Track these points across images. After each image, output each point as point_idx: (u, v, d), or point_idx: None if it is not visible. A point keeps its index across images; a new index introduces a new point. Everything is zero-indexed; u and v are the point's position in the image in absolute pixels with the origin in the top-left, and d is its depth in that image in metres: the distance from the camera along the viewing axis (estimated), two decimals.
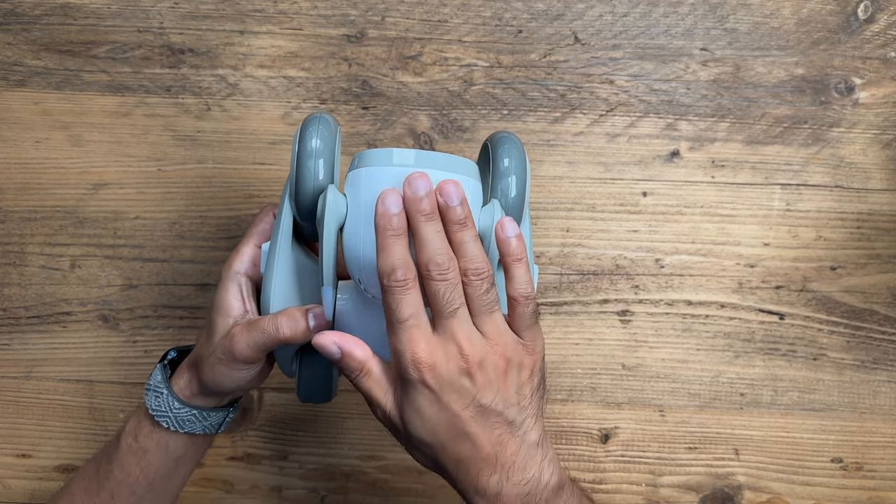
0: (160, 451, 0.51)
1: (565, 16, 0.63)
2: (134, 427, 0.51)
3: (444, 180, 0.43)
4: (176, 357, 0.53)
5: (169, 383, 0.50)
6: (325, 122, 0.47)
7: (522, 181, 0.47)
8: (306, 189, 0.46)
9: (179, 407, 0.50)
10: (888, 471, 0.64)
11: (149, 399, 0.50)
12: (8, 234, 0.65)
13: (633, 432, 0.65)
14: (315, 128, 0.46)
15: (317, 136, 0.46)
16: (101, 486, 0.52)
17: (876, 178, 0.64)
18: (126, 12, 0.64)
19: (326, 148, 0.46)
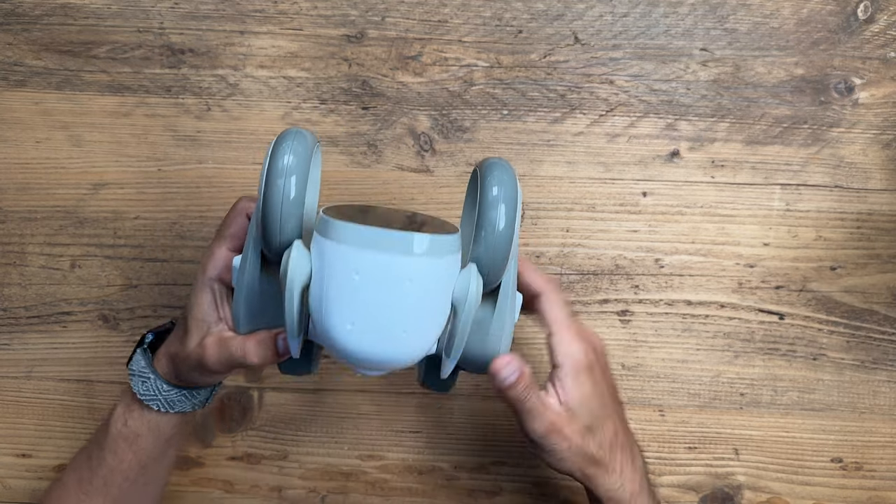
0: (152, 433, 0.51)
1: (565, 16, 0.63)
2: (123, 412, 0.52)
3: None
4: (153, 339, 0.53)
5: (154, 367, 0.51)
6: (301, 139, 0.43)
7: (512, 211, 0.43)
8: (273, 213, 0.42)
9: (168, 389, 0.50)
10: (888, 470, 0.64)
11: (135, 384, 0.51)
12: (8, 233, 0.65)
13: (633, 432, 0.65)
14: (289, 143, 0.42)
15: (290, 153, 0.42)
16: (94, 473, 0.52)
17: (876, 178, 0.64)
18: (126, 12, 0.64)
19: (300, 166, 0.42)
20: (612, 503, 0.49)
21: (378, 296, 0.41)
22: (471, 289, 0.42)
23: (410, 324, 0.42)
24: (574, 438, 0.47)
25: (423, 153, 0.64)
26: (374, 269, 0.40)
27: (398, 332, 0.42)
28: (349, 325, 0.41)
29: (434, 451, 0.65)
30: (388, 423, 0.65)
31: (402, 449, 0.65)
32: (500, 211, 0.43)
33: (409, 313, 0.42)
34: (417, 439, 0.65)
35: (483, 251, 0.43)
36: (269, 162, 0.42)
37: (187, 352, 0.49)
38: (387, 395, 0.65)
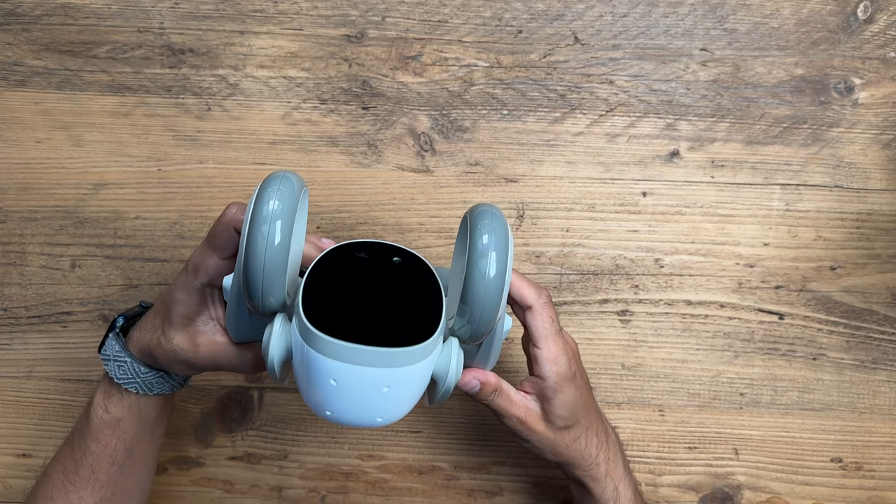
0: (133, 416, 0.52)
1: (565, 16, 0.63)
2: (102, 399, 0.52)
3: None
4: (124, 323, 0.53)
5: (129, 350, 0.51)
6: (288, 183, 0.42)
7: (503, 259, 0.42)
8: (256, 264, 0.41)
9: (146, 371, 0.50)
10: (888, 470, 0.64)
11: (111, 368, 0.51)
12: (8, 233, 0.65)
13: (632, 432, 0.65)
14: (275, 188, 0.41)
15: (276, 198, 0.41)
16: (79, 463, 0.52)
17: (876, 178, 0.64)
18: (126, 12, 0.64)
19: (285, 211, 0.41)
20: (588, 479, 0.53)
21: (355, 396, 0.42)
22: (451, 366, 0.45)
23: (388, 412, 0.44)
24: (546, 433, 0.51)
25: (424, 153, 0.64)
26: (351, 378, 0.41)
27: (374, 417, 0.44)
28: (327, 411, 0.43)
29: (434, 451, 0.65)
30: None
31: (402, 449, 0.65)
32: (490, 259, 0.42)
33: (385, 406, 0.44)
34: (417, 439, 0.65)
35: (473, 302, 0.43)
36: (252, 207, 0.41)
37: (171, 346, 0.48)
38: None
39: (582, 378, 0.52)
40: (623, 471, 0.54)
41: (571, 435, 0.52)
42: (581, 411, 0.51)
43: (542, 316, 0.49)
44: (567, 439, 0.52)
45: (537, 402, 0.51)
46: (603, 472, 0.53)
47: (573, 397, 0.50)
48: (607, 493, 0.53)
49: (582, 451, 0.52)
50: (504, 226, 0.43)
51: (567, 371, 0.50)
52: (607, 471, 0.53)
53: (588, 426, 0.52)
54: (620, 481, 0.54)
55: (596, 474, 0.53)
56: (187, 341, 0.48)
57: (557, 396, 0.50)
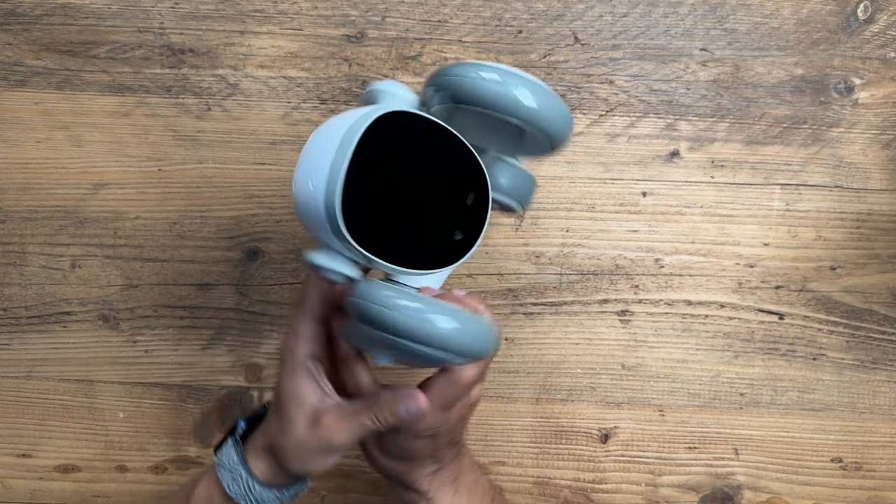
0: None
1: (565, 16, 0.63)
2: (206, 496, 0.49)
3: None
4: (245, 429, 0.50)
5: (247, 464, 0.48)
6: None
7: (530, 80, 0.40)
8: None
9: (261, 489, 0.47)
10: (888, 471, 0.64)
11: (224, 479, 0.48)
12: (8, 233, 0.65)
13: (632, 432, 0.65)
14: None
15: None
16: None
17: (876, 178, 0.64)
18: (126, 12, 0.64)
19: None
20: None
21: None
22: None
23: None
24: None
25: None
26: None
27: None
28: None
29: None
30: None
31: None
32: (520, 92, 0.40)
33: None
34: None
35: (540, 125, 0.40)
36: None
37: (298, 439, 0.46)
38: None
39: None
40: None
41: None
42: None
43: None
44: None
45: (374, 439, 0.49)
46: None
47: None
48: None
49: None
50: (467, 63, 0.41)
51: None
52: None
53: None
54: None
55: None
56: (312, 427, 0.46)
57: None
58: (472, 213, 0.43)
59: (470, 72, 0.40)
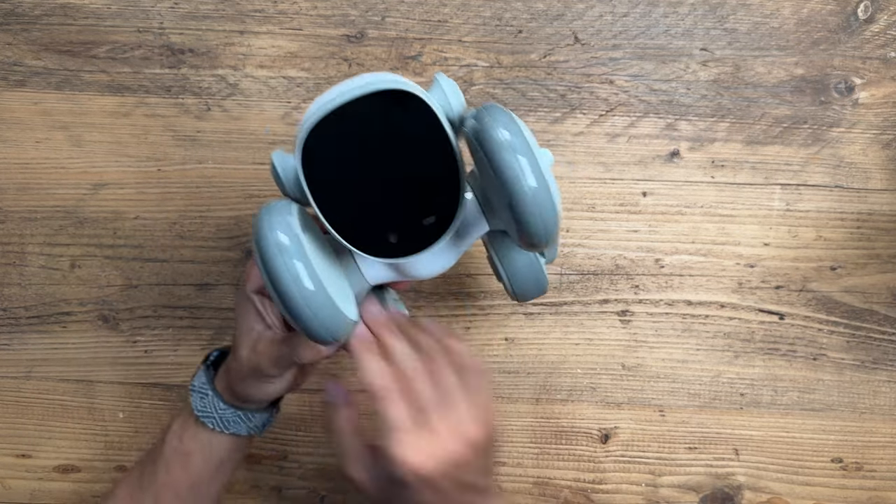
0: (203, 452, 0.51)
1: (565, 16, 0.63)
2: (178, 429, 0.52)
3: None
4: (219, 356, 0.54)
5: (213, 384, 0.51)
6: (283, 212, 0.39)
7: (534, 159, 0.37)
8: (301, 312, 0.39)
9: (224, 408, 0.51)
10: (888, 471, 0.64)
11: (194, 400, 0.51)
12: (8, 234, 0.65)
13: (633, 432, 0.65)
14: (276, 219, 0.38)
15: (280, 232, 0.38)
16: (145, 489, 0.52)
17: (876, 178, 0.64)
18: (126, 12, 0.64)
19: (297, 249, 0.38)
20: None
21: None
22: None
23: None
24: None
25: None
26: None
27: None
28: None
29: None
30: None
31: None
32: (521, 164, 0.36)
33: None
34: None
35: (524, 207, 0.37)
36: (261, 258, 0.38)
37: (241, 362, 0.49)
38: None
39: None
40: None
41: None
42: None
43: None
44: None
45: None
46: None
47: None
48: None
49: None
50: (508, 113, 0.38)
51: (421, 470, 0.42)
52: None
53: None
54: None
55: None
56: (250, 352, 0.48)
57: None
58: (441, 208, 0.41)
59: (500, 124, 0.37)
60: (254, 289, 0.49)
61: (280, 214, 0.38)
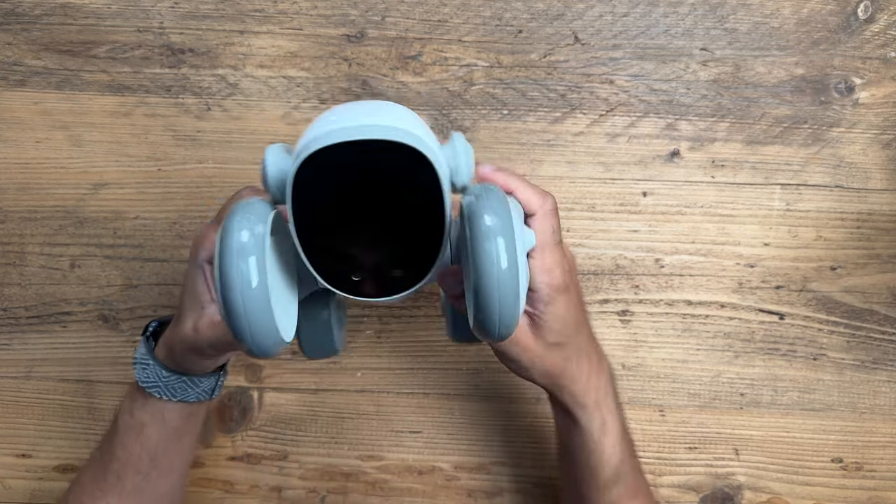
0: (157, 423, 0.51)
1: (565, 16, 0.63)
2: (128, 403, 0.51)
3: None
4: (157, 328, 0.52)
5: (153, 354, 0.50)
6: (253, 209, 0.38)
7: (512, 244, 0.37)
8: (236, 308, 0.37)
9: (168, 375, 0.49)
10: (888, 471, 0.64)
11: (137, 372, 0.50)
12: (8, 233, 0.65)
13: (633, 432, 0.65)
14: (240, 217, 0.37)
15: (244, 229, 0.37)
16: (107, 469, 0.52)
17: (876, 178, 0.64)
18: (126, 12, 0.64)
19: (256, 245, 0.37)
20: (577, 407, 0.49)
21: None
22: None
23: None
24: (537, 350, 0.47)
25: None
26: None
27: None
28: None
29: (434, 451, 0.65)
30: (388, 423, 0.65)
31: (402, 449, 0.65)
32: (498, 245, 0.37)
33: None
34: (417, 439, 0.65)
35: (488, 295, 0.37)
36: (219, 245, 0.37)
37: (181, 334, 0.47)
38: (387, 394, 0.65)
39: (577, 295, 0.48)
40: (613, 404, 0.50)
41: (563, 354, 0.47)
42: (573, 330, 0.47)
43: (544, 224, 0.45)
44: (558, 358, 0.47)
45: (526, 317, 0.46)
46: (592, 401, 0.49)
47: (565, 311, 0.46)
48: (594, 424, 0.49)
49: (574, 373, 0.48)
50: (505, 203, 0.38)
51: (560, 283, 0.45)
52: (597, 400, 0.49)
53: (580, 349, 0.48)
54: (609, 414, 0.50)
55: (585, 402, 0.49)
56: (192, 328, 0.47)
57: (549, 309, 0.45)
58: (416, 257, 0.41)
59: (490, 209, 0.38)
60: (207, 257, 0.47)
61: (254, 213, 0.38)
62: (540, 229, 0.45)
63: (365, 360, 0.65)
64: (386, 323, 0.65)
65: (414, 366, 0.65)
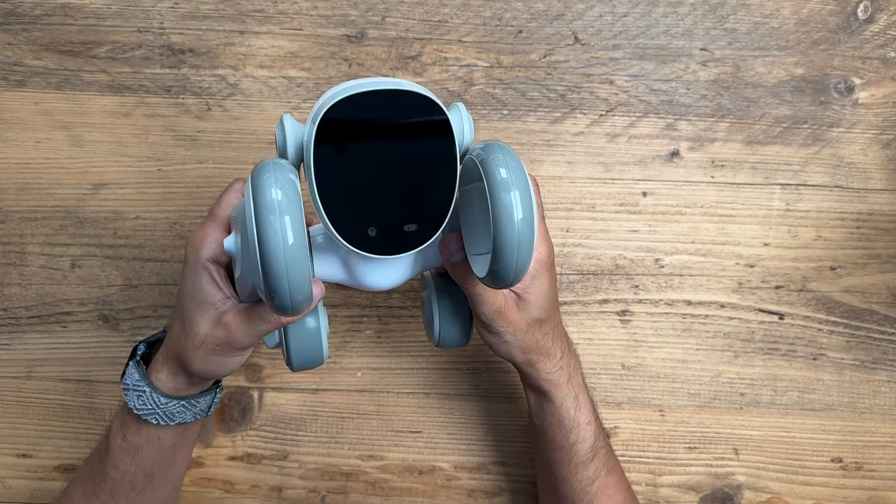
0: (152, 445, 0.50)
1: (565, 16, 0.63)
2: (120, 427, 0.50)
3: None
4: (147, 350, 0.51)
5: (149, 380, 0.48)
6: (282, 170, 0.39)
7: (528, 195, 0.39)
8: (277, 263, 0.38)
9: (166, 402, 0.48)
10: (888, 471, 0.64)
11: (130, 399, 0.48)
12: (8, 234, 0.65)
13: (632, 432, 0.65)
14: (271, 176, 0.38)
15: (277, 188, 0.38)
16: (99, 487, 0.51)
17: (876, 178, 0.64)
18: (126, 12, 0.64)
19: (293, 205, 0.38)
20: (551, 385, 0.51)
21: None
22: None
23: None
24: (521, 324, 0.48)
25: None
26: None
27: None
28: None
29: (434, 451, 0.65)
30: (388, 423, 0.65)
31: (402, 449, 0.65)
32: (516, 196, 0.39)
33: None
34: (417, 439, 0.65)
35: (506, 246, 0.39)
36: (254, 202, 0.38)
37: (200, 339, 0.46)
38: (387, 395, 0.65)
39: (555, 274, 0.50)
40: (582, 381, 0.53)
41: (542, 330, 0.49)
42: (552, 307, 0.50)
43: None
44: (538, 334, 0.49)
45: (512, 292, 0.48)
46: (565, 379, 0.51)
47: (547, 287, 0.48)
48: (568, 401, 0.51)
49: (549, 348, 0.50)
50: (515, 156, 0.41)
51: (546, 258, 0.48)
52: (569, 377, 0.51)
53: (556, 325, 0.51)
54: (581, 391, 0.52)
55: (558, 379, 0.51)
56: (215, 326, 0.46)
57: (535, 283, 0.47)
58: (429, 210, 0.43)
59: (501, 162, 0.40)
60: (210, 256, 0.46)
61: (283, 172, 0.39)
62: None
63: (365, 360, 0.65)
64: (386, 323, 0.65)
65: (414, 366, 0.65)
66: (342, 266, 0.47)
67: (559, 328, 0.52)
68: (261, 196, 0.37)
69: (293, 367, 0.51)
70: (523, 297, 0.48)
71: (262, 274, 0.38)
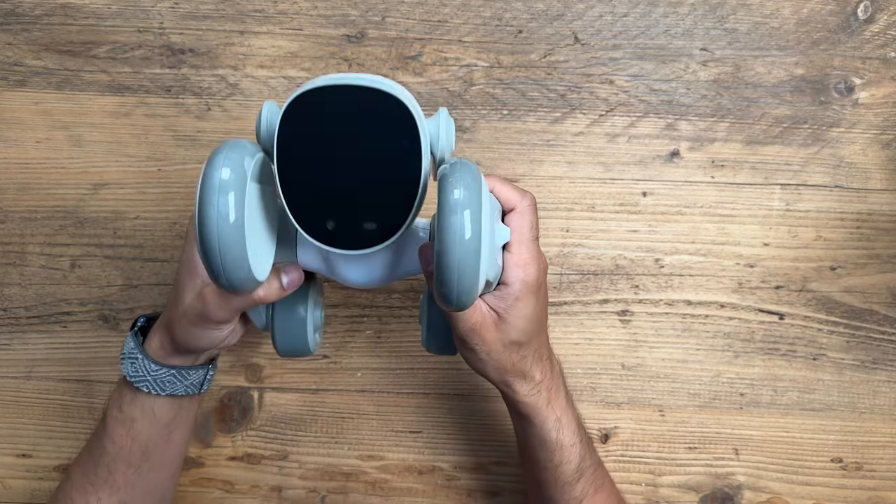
0: (147, 417, 0.51)
1: (565, 16, 0.63)
2: (117, 398, 0.51)
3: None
4: (146, 323, 0.53)
5: (143, 348, 0.50)
6: (237, 149, 0.39)
7: (477, 217, 0.38)
8: (210, 241, 0.38)
9: (156, 369, 0.50)
10: (888, 471, 0.64)
11: (125, 367, 0.50)
12: (8, 234, 0.65)
13: (632, 432, 0.65)
14: (223, 156, 0.39)
15: (225, 166, 0.38)
16: (97, 463, 0.52)
17: (876, 178, 0.64)
18: (126, 12, 0.64)
19: (237, 181, 0.38)
20: (529, 408, 0.50)
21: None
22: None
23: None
24: (495, 345, 0.47)
25: None
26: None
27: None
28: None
29: (434, 451, 0.65)
30: (388, 423, 0.65)
31: (402, 449, 0.65)
32: (464, 217, 0.37)
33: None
34: (417, 439, 0.65)
35: (448, 266, 0.38)
36: (201, 179, 0.38)
37: (184, 308, 0.47)
38: (387, 394, 0.65)
39: (545, 297, 0.49)
40: (565, 402, 0.51)
41: (520, 353, 0.48)
42: (535, 331, 0.48)
43: (523, 220, 0.46)
44: (515, 356, 0.48)
45: (492, 311, 0.47)
46: (544, 402, 0.50)
47: (532, 311, 0.47)
48: (549, 424, 0.50)
49: (527, 371, 0.49)
50: (478, 178, 0.39)
51: (534, 281, 0.46)
52: (549, 401, 0.50)
53: (537, 349, 0.49)
54: (563, 412, 0.51)
55: (536, 402, 0.50)
56: (196, 298, 0.47)
57: (517, 305, 0.46)
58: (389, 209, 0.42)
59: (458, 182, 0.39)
60: None
61: (238, 152, 0.39)
62: (518, 224, 0.46)
63: (365, 360, 0.65)
64: (386, 323, 0.65)
65: (414, 366, 0.65)
66: (319, 256, 0.48)
67: (542, 351, 0.50)
68: (207, 173, 0.38)
69: (278, 352, 0.52)
70: (503, 317, 0.47)
71: (200, 250, 0.39)
